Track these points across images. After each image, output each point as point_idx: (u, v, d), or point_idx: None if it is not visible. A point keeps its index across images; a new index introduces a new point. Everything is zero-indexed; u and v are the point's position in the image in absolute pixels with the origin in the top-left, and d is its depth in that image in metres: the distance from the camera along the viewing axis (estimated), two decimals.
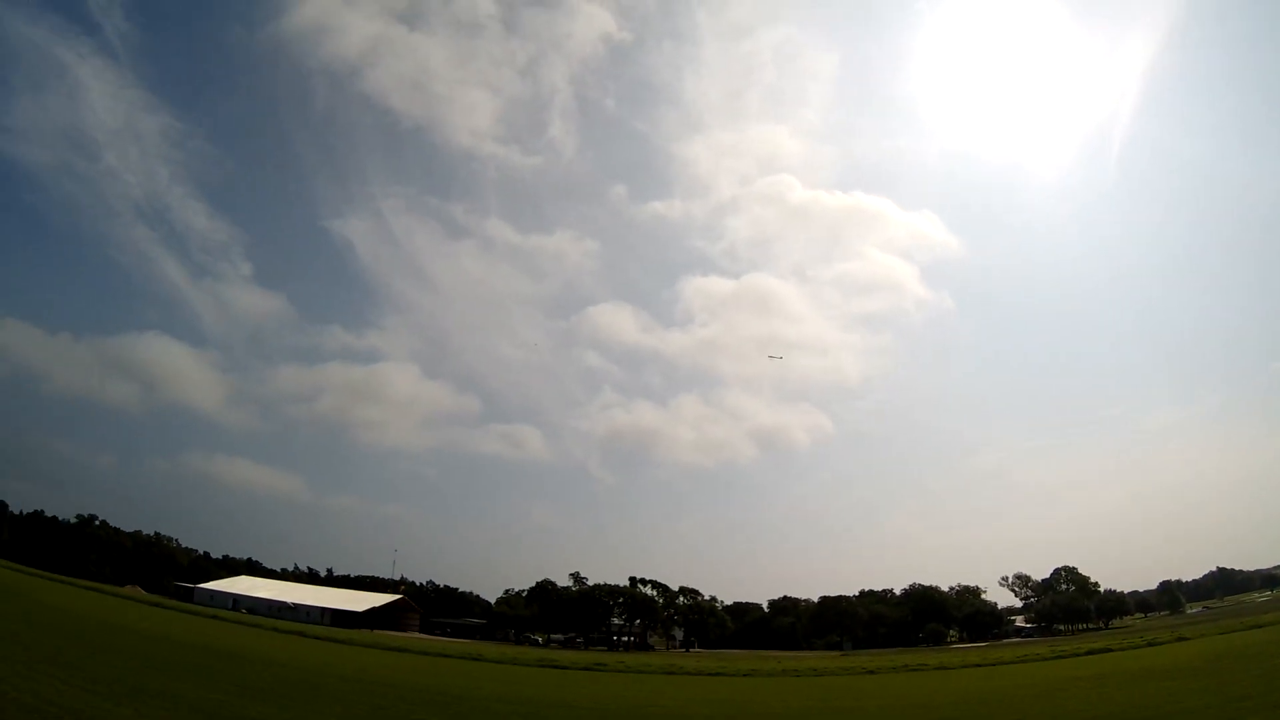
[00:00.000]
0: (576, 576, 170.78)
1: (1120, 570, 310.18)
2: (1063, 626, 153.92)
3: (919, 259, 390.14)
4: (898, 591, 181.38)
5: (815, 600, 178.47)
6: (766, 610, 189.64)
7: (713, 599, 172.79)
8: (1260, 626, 58.16)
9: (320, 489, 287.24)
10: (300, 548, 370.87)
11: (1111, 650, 54.84)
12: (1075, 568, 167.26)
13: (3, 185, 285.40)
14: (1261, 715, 20.44)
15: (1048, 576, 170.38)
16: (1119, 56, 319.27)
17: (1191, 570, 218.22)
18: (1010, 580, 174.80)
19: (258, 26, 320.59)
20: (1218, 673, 32.48)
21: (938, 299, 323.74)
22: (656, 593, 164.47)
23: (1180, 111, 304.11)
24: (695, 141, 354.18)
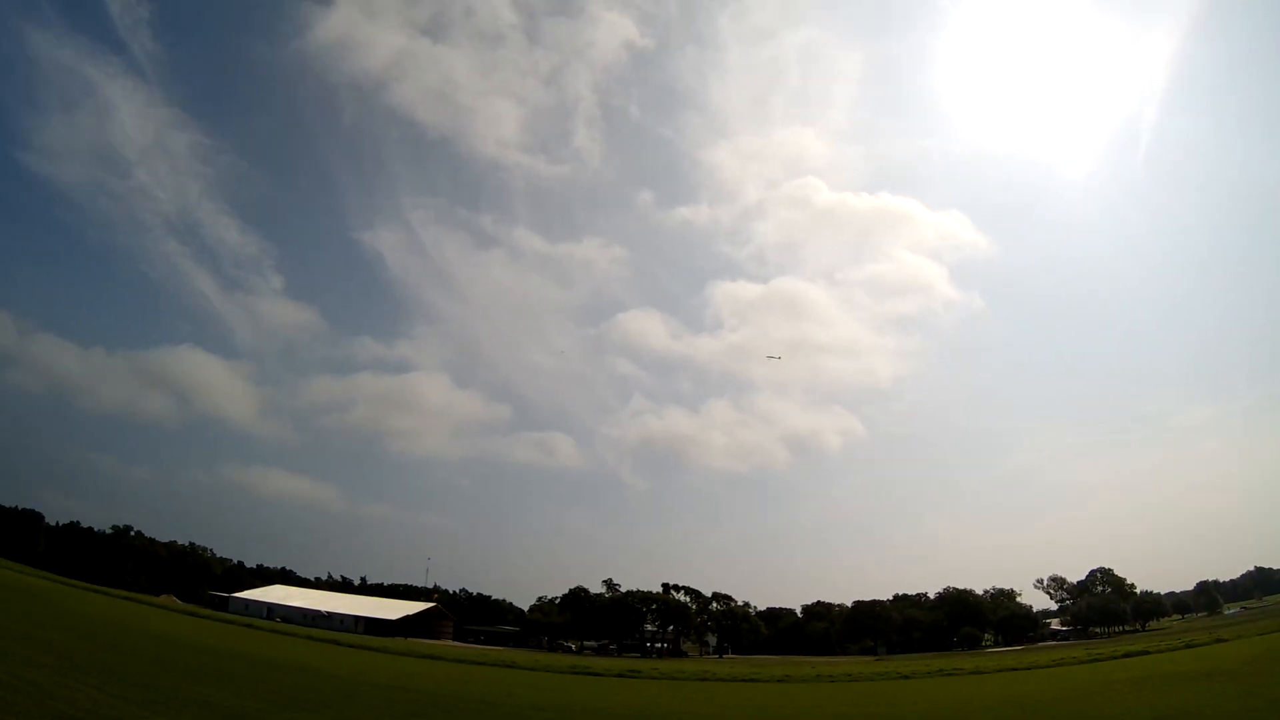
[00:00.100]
0: (609, 583, 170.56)
1: (1156, 571, 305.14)
2: (1099, 629, 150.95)
3: (948, 259, 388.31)
4: (932, 595, 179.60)
5: (849, 605, 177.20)
6: (800, 615, 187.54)
7: (746, 604, 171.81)
8: None
9: (354, 498, 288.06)
10: (334, 557, 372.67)
11: (1149, 653, 54.10)
12: (1111, 569, 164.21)
13: (36, 203, 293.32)
14: None
15: (1083, 578, 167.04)
16: (1143, 48, 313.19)
17: (1229, 570, 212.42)
18: (1045, 582, 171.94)
19: (283, 43, 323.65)
20: (1257, 674, 32.18)
21: (967, 299, 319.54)
22: (689, 599, 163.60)
23: (1206, 103, 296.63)
24: (721, 146, 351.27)
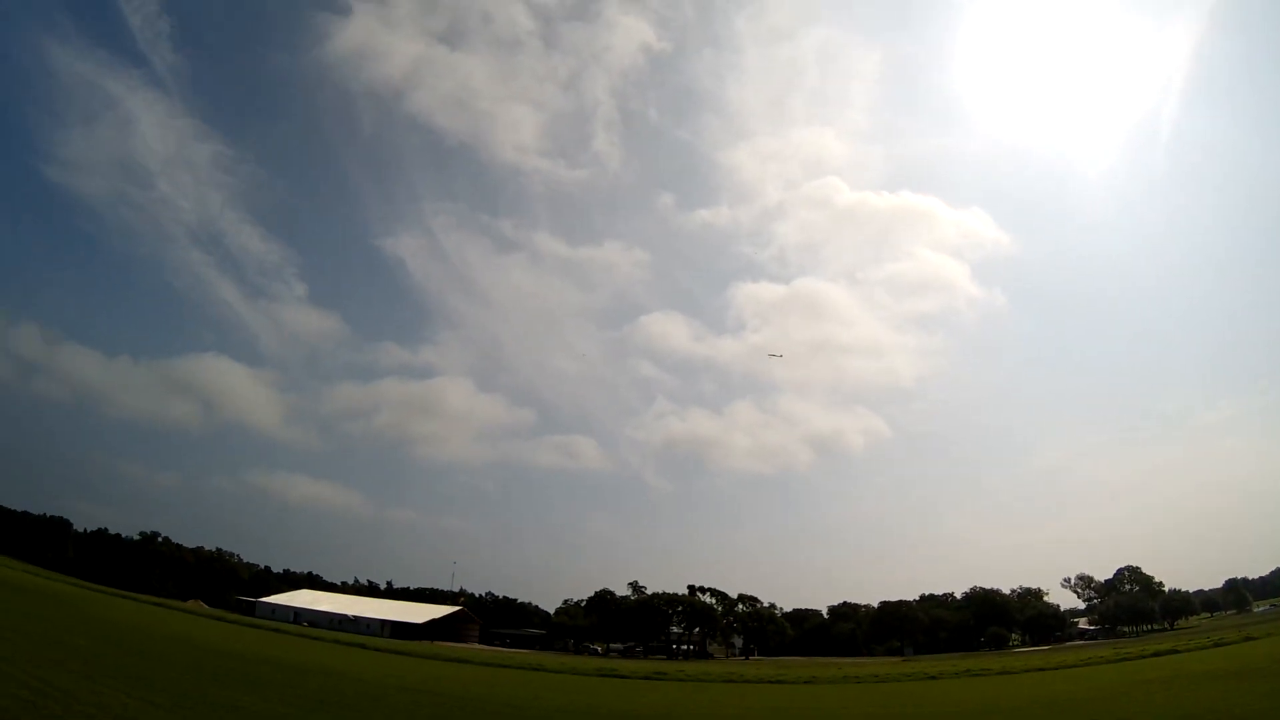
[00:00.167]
0: (635, 585, 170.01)
1: (1184, 568, 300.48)
2: (1127, 628, 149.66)
3: (969, 257, 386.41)
4: (958, 595, 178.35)
5: (875, 605, 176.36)
6: (826, 616, 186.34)
7: (772, 606, 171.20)
8: None
9: (379, 503, 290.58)
10: (360, 561, 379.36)
11: (1178, 651, 54.46)
12: (1139, 567, 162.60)
13: (60, 215, 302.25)
14: None
15: (1111, 577, 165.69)
16: (1163, 40, 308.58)
17: (1258, 567, 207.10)
18: (1072, 581, 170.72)
19: (302, 53, 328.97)
20: None
21: (989, 297, 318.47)
22: (715, 600, 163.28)
23: (1227, 96, 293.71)
24: (740, 148, 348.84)
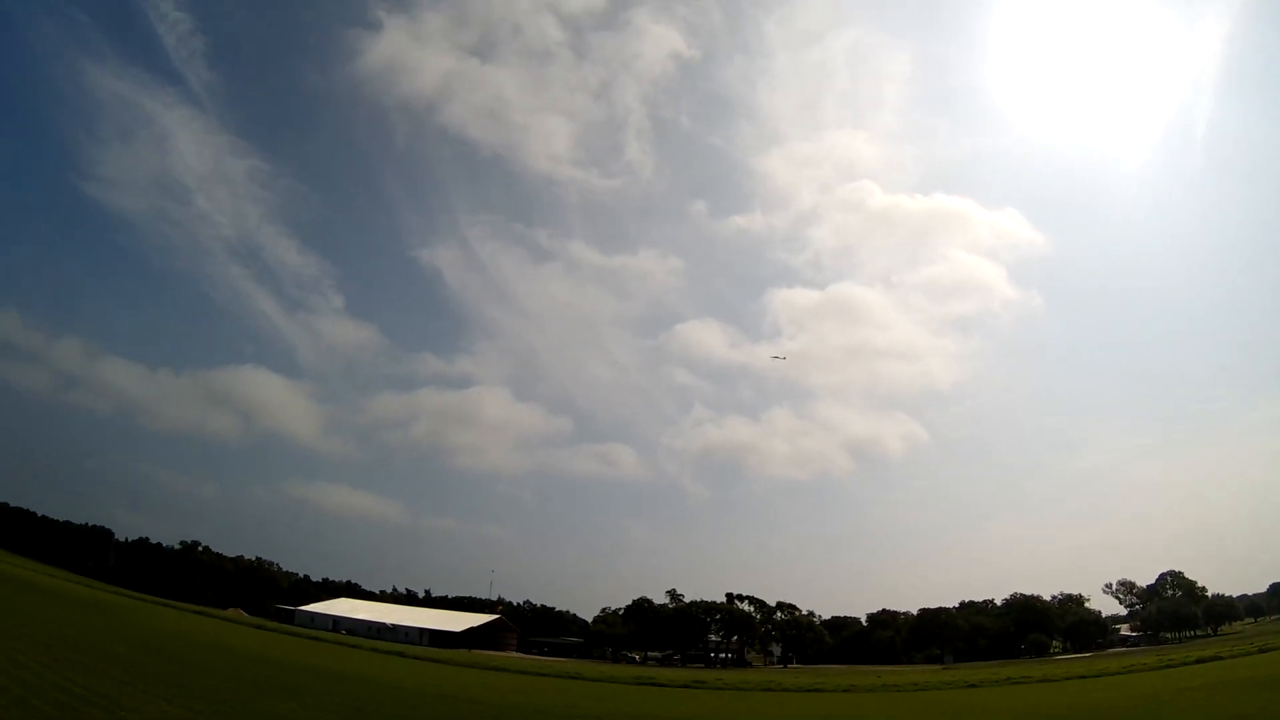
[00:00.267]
0: (673, 594, 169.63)
1: (1228, 573, 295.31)
2: (1169, 634, 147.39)
3: (1005, 258, 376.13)
4: (998, 601, 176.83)
5: (914, 613, 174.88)
6: (865, 624, 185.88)
7: (810, 614, 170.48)
8: None
9: (418, 512, 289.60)
10: (399, 570, 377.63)
11: (1221, 658, 53.97)
12: (1181, 572, 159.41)
13: (100, 231, 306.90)
14: None
15: (1153, 582, 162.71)
16: (1194, 35, 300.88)
17: None
18: (1114, 587, 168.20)
19: (334, 69, 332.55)
20: None
21: (1026, 298, 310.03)
22: (753, 608, 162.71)
23: (1260, 89, 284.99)
24: (772, 153, 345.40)
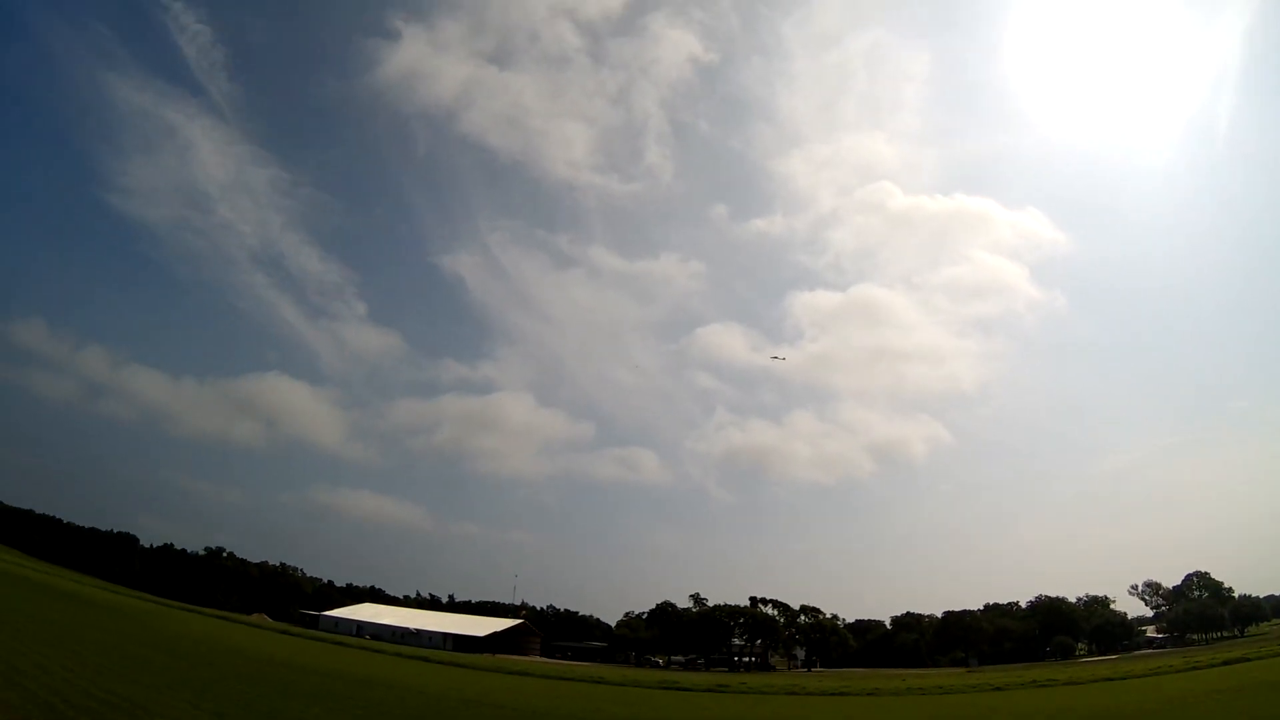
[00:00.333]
0: (696, 597, 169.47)
1: (1255, 573, 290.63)
2: (1196, 636, 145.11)
3: (1027, 258, 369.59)
4: (1023, 604, 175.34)
5: (939, 616, 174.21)
6: (889, 627, 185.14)
7: (834, 617, 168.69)
8: None
9: (441, 517, 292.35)
10: (422, 575, 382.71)
11: (1248, 660, 53.65)
12: (1208, 572, 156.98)
13: (123, 241, 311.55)
14: None
15: (1179, 583, 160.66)
16: (1215, 29, 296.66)
17: None
18: (1140, 588, 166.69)
19: (354, 78, 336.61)
20: None
21: (1049, 298, 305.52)
22: (777, 612, 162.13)
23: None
24: (792, 155, 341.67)
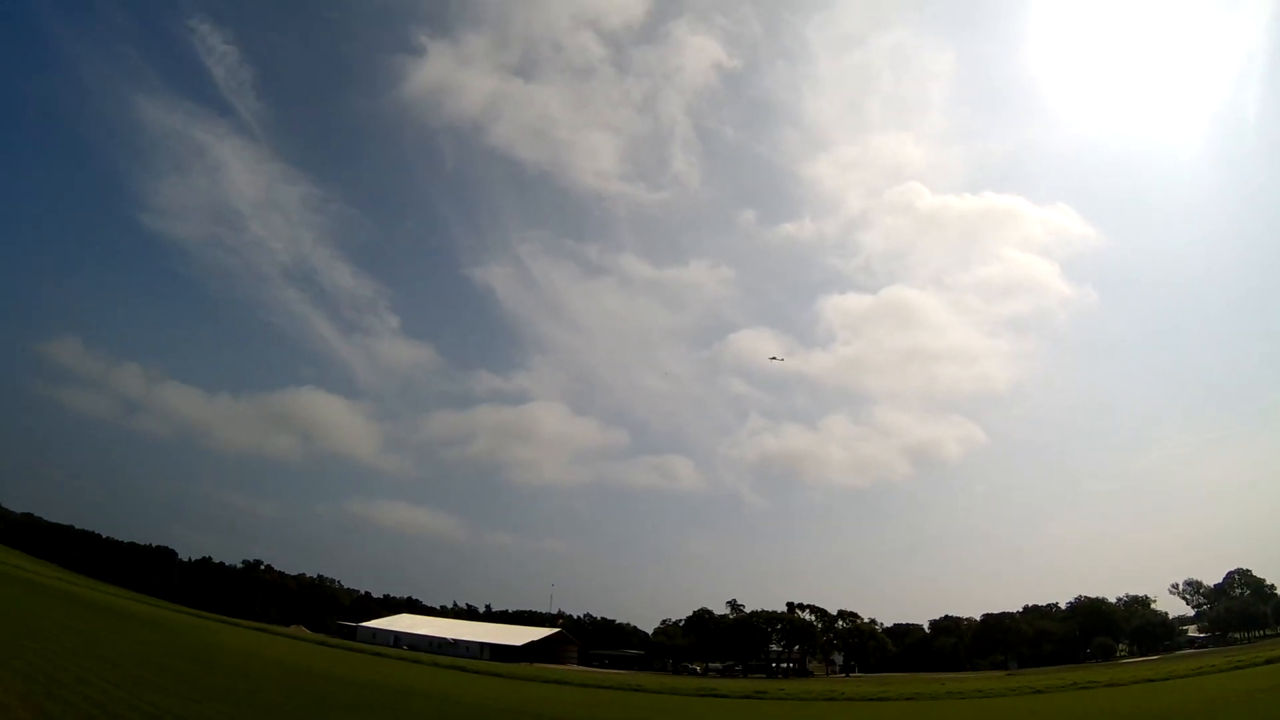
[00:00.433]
0: (733, 604, 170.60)
1: None
2: (1238, 634, 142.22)
3: (1058, 255, 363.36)
4: (1063, 605, 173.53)
5: (977, 619, 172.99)
6: (928, 631, 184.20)
7: (872, 621, 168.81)
8: None
9: (477, 528, 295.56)
10: (459, 585, 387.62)
11: None
12: (1249, 570, 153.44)
13: (157, 260, 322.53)
14: None
15: (1220, 581, 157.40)
16: (1239, 18, 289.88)
17: None
18: (1181, 587, 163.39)
19: (380, 94, 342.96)
20: None
21: (1081, 295, 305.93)
22: (814, 617, 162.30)
23: None
24: (819, 159, 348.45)
